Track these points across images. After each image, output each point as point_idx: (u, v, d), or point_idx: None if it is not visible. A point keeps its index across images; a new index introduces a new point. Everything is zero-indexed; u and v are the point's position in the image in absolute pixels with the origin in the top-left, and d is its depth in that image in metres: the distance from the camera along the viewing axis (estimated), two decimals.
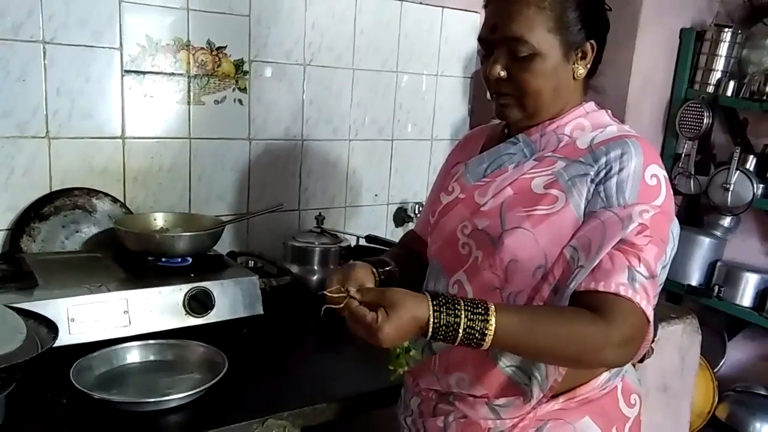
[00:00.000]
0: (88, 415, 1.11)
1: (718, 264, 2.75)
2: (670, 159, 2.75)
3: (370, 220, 2.13)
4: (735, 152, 2.55)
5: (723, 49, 2.60)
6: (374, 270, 1.07)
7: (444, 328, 0.85)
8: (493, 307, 0.87)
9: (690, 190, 2.71)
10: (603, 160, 0.98)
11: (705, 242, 2.78)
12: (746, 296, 2.65)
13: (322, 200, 2.03)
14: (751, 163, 2.61)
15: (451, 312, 0.85)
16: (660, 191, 0.97)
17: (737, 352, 2.85)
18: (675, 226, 1.01)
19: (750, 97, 2.51)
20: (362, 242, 1.89)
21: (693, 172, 2.67)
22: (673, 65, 2.71)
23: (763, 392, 2.68)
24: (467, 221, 1.06)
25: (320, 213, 1.84)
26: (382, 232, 2.09)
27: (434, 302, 0.86)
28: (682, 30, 2.67)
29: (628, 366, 1.09)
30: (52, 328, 1.12)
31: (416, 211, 2.16)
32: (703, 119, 2.59)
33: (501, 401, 1.01)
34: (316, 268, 1.76)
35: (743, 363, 2.85)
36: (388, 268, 1.11)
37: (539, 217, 0.98)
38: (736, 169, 2.54)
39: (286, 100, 1.89)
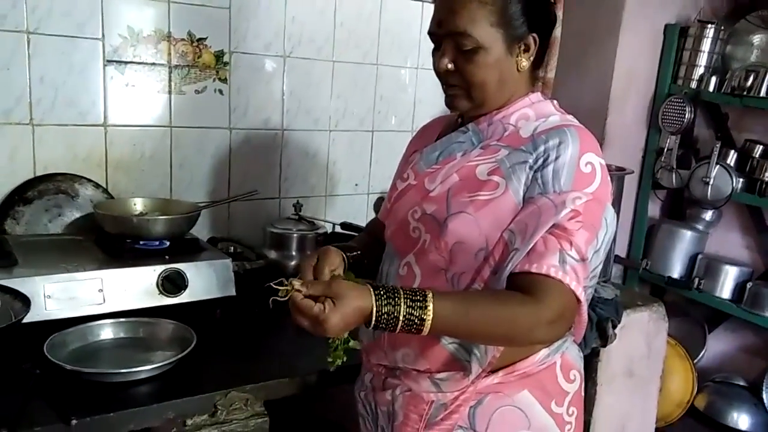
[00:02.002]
0: (60, 385, 1.16)
1: (699, 257, 2.79)
2: (653, 153, 2.79)
3: (350, 209, 2.18)
4: (715, 147, 2.58)
5: (706, 45, 2.64)
6: (344, 254, 1.13)
7: (385, 316, 0.90)
8: (431, 295, 0.91)
9: (672, 183, 2.75)
10: (542, 148, 1.03)
11: (687, 235, 2.82)
12: (726, 289, 2.70)
13: (302, 189, 2.08)
14: (731, 157, 2.65)
15: (391, 301, 0.90)
16: (594, 179, 1.01)
17: (717, 344, 2.90)
18: (609, 213, 1.05)
19: (731, 93, 2.55)
20: (338, 229, 1.95)
21: (675, 166, 2.71)
22: (657, 61, 2.74)
23: (741, 383, 2.73)
24: (417, 206, 1.12)
25: (298, 201, 1.89)
26: (362, 221, 2.14)
27: (376, 292, 0.91)
28: (666, 26, 2.71)
29: (569, 343, 1.14)
30: (26, 302, 1.19)
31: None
32: (685, 114, 2.63)
33: (442, 375, 1.06)
34: (293, 253, 1.82)
35: (723, 354, 2.89)
36: (356, 253, 1.17)
37: (481, 202, 1.03)
38: (717, 163, 2.58)
39: (266, 91, 1.95)
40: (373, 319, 0.90)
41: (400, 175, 1.22)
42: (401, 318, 0.90)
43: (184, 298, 1.47)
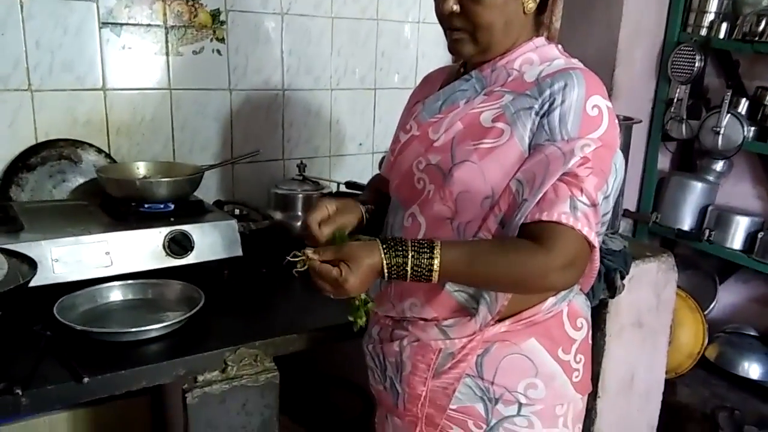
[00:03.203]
0: (71, 345, 1.18)
1: (710, 208, 2.76)
2: (662, 104, 2.74)
3: (355, 169, 2.16)
4: (726, 95, 2.53)
5: None
6: (362, 210, 1.16)
7: (395, 268, 0.94)
8: (438, 243, 0.95)
9: (682, 134, 2.70)
10: (547, 92, 1.00)
11: (697, 187, 2.78)
12: (737, 239, 2.66)
13: (306, 150, 2.07)
14: (743, 106, 2.59)
15: (399, 253, 0.94)
16: (602, 122, 0.99)
17: (728, 295, 2.88)
18: (618, 158, 1.04)
19: (742, 39, 2.48)
20: (342, 188, 1.94)
21: (685, 117, 2.66)
22: (665, 7, 2.66)
23: (752, 333, 2.72)
24: (421, 157, 1.10)
25: (302, 161, 1.88)
26: (366, 181, 2.13)
27: (384, 246, 0.95)
28: None
29: (576, 292, 1.13)
30: (32, 265, 1.19)
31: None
32: (695, 63, 2.56)
33: (450, 321, 1.07)
34: (299, 214, 1.82)
35: (734, 305, 2.89)
36: (368, 206, 1.20)
37: (485, 150, 1.02)
38: (727, 112, 2.52)
39: (264, 49, 1.92)
40: (385, 271, 0.94)
41: (403, 127, 1.20)
42: (409, 268, 0.94)
43: (190, 259, 1.48)
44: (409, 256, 0.93)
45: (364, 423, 1.78)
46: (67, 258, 1.34)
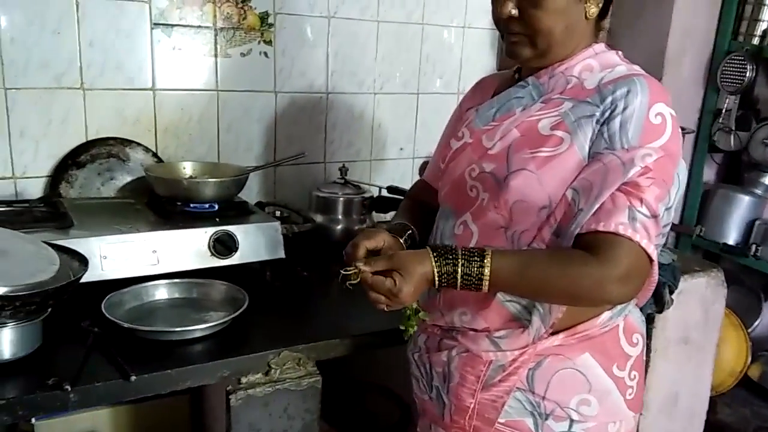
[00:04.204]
0: (118, 342, 1.19)
1: (757, 222, 2.67)
2: (710, 114, 2.66)
3: (395, 174, 2.15)
4: None
5: None
6: (399, 239, 1.12)
7: (445, 276, 0.94)
8: (489, 252, 0.93)
9: (730, 146, 2.62)
10: (609, 99, 0.98)
11: (744, 200, 2.70)
12: None
13: (347, 153, 2.06)
14: None
15: (449, 261, 0.94)
16: (665, 131, 0.96)
17: None
18: (681, 168, 1.01)
19: None
20: (384, 193, 1.93)
21: (734, 128, 2.58)
22: (716, 15, 2.59)
23: None
24: (475, 164, 1.08)
25: (344, 165, 1.88)
26: (408, 186, 2.12)
27: (434, 254, 0.94)
28: None
29: (632, 306, 1.10)
30: (83, 261, 1.20)
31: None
32: (746, 72, 2.49)
33: (502, 333, 1.04)
34: (339, 217, 1.82)
35: None
36: (409, 233, 1.16)
37: (543, 158, 0.99)
38: None
39: (310, 52, 1.92)
40: (436, 280, 0.94)
41: (454, 134, 1.18)
42: (459, 276, 0.93)
43: (234, 260, 1.48)
44: (459, 264, 0.93)
45: (402, 431, 1.77)
46: (115, 255, 1.35)
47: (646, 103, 0.96)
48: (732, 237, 2.73)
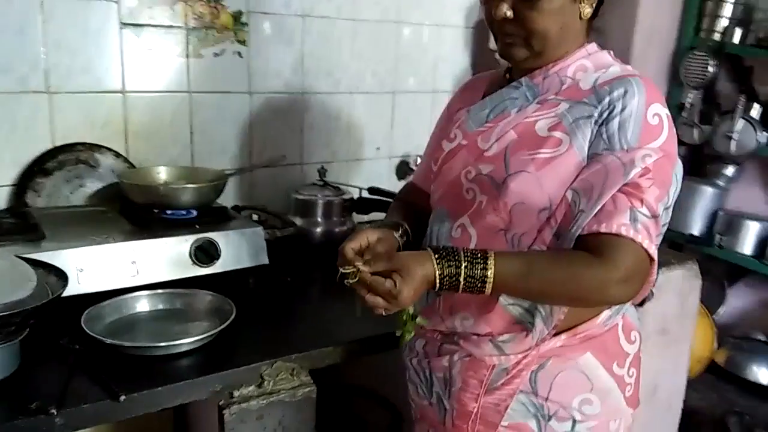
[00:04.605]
0: (101, 360, 1.13)
1: (720, 213, 2.76)
2: (674, 109, 2.73)
3: (372, 173, 2.13)
4: (740, 100, 2.52)
5: None
6: (395, 235, 1.09)
7: (447, 278, 0.91)
8: (492, 254, 0.92)
9: (694, 139, 2.69)
10: (607, 99, 0.98)
11: (707, 192, 2.78)
12: (747, 244, 2.66)
13: (324, 154, 2.03)
14: (755, 111, 2.59)
15: (451, 263, 0.91)
16: (662, 131, 0.97)
17: (737, 300, 2.89)
18: (678, 168, 1.02)
19: (756, 44, 2.48)
20: (365, 194, 1.90)
21: (697, 122, 2.65)
22: (679, 13, 2.66)
23: (761, 338, 2.73)
24: (471, 167, 1.07)
25: (322, 166, 1.84)
26: (384, 186, 2.10)
27: (436, 256, 0.92)
28: None
29: (628, 304, 1.11)
30: (62, 276, 1.14)
31: (418, 164, 2.16)
32: (708, 68, 2.56)
33: (505, 336, 1.03)
34: (319, 220, 1.79)
35: (743, 310, 2.89)
36: (403, 229, 1.13)
37: (543, 160, 0.99)
38: (741, 117, 2.52)
39: (285, 52, 1.87)
40: (437, 282, 0.91)
41: (446, 136, 1.16)
42: (462, 278, 0.91)
43: (216, 268, 1.43)
44: (462, 266, 0.91)
45: None
46: (92, 267, 1.29)
47: (644, 103, 0.96)
48: (696, 227, 2.80)
